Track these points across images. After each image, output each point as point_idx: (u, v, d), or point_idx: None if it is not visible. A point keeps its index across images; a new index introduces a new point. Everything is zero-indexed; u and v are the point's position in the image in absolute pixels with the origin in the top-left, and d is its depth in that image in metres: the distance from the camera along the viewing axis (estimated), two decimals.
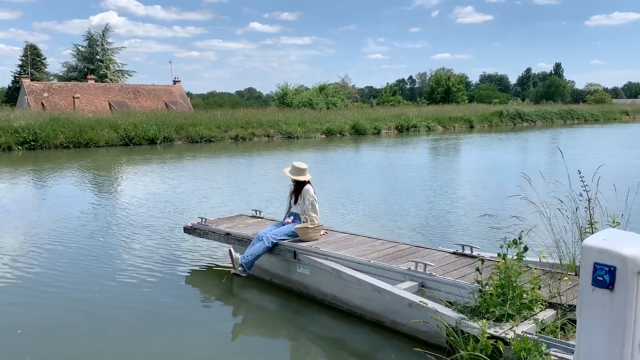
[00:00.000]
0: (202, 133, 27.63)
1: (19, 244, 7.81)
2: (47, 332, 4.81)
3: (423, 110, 44.76)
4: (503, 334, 3.57)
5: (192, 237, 7.32)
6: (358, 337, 4.71)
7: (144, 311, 5.32)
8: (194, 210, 9.69)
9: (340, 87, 61.01)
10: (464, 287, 4.31)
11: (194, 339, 4.67)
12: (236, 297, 5.94)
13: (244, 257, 5.74)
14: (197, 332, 4.82)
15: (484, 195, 11.90)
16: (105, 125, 25.92)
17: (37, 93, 40.54)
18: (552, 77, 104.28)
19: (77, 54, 58.78)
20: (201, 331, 4.83)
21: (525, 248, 4.04)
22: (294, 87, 49.95)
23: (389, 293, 4.42)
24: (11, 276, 6.32)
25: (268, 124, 30.88)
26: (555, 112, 53.22)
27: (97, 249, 7.49)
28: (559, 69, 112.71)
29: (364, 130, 34.08)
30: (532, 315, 3.84)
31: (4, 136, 22.99)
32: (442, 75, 70.09)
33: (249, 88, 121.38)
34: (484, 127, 43.21)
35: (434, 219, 9.30)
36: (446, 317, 3.88)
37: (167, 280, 6.18)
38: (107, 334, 4.77)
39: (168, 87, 48.31)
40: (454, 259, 5.15)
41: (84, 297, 5.68)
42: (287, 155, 22.31)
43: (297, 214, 6.13)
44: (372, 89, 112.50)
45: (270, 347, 4.67)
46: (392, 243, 5.80)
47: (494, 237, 4.48)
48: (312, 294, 5.52)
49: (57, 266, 6.73)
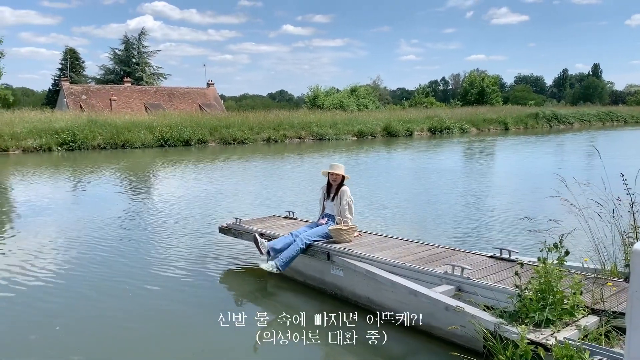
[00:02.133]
0: (235, 135, 27.93)
1: (60, 242, 8.02)
2: (84, 328, 4.91)
3: (456, 112, 44.24)
4: (544, 340, 3.48)
5: (227, 237, 7.39)
6: (392, 341, 4.66)
7: (178, 310, 5.40)
8: (228, 211, 9.79)
9: (372, 88, 60.82)
10: (502, 291, 4.23)
11: (226, 339, 4.71)
12: (270, 297, 5.96)
13: (279, 259, 5.75)
14: (230, 332, 4.84)
15: (519, 198, 11.67)
16: (141, 127, 26.45)
17: (75, 95, 41.68)
18: (590, 78, 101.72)
19: (114, 57, 60.25)
20: (234, 331, 4.85)
21: (567, 252, 3.94)
22: (325, 89, 50.02)
23: (425, 296, 4.37)
24: (50, 273, 6.49)
25: (300, 125, 31.00)
26: (593, 114, 51.93)
27: (133, 249, 7.64)
28: (597, 70, 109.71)
29: (396, 132, 33.87)
30: (574, 321, 3.74)
31: (45, 137, 23.71)
32: (476, 76, 69.09)
33: (280, 90, 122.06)
34: (519, 129, 42.44)
35: (469, 222, 9.16)
36: (484, 321, 3.81)
37: (202, 279, 6.25)
38: (142, 332, 4.86)
39: (202, 90, 49.02)
40: (492, 263, 5.06)
41: (120, 294, 5.79)
42: (318, 156, 22.35)
43: (331, 215, 6.13)
44: (404, 90, 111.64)
45: (303, 349, 4.66)
46: (427, 246, 5.74)
47: (531, 241, 4.38)
48: (346, 296, 5.50)
49: (94, 265, 6.89)
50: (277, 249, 5.85)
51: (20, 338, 4.70)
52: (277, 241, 5.90)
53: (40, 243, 7.92)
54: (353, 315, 5.17)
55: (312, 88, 49.58)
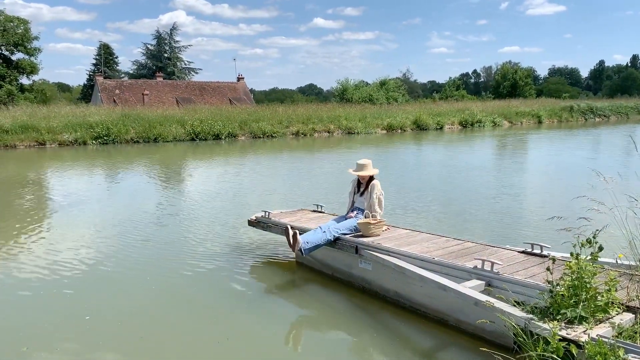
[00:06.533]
0: (265, 129, 28.09)
1: (95, 233, 8.23)
2: (113, 316, 5.02)
3: (488, 105, 43.52)
4: (576, 337, 3.41)
5: (256, 230, 7.46)
6: (421, 336, 4.64)
7: (206, 299, 5.49)
8: (257, 204, 9.87)
9: (401, 81, 60.27)
10: (533, 287, 4.15)
11: (252, 329, 4.76)
12: (298, 289, 6.00)
13: (304, 242, 5.73)
14: (256, 322, 4.90)
15: (552, 193, 11.43)
16: (172, 121, 26.86)
17: (109, 90, 42.54)
18: (629, 70, 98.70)
19: (146, 52, 61.31)
20: (260, 321, 4.91)
21: (601, 247, 3.84)
22: (354, 83, 49.78)
23: (454, 291, 4.32)
24: (83, 263, 6.66)
25: (328, 119, 30.97)
26: (631, 107, 50.48)
27: (164, 239, 7.78)
28: (637, 61, 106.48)
29: (426, 126, 33.54)
30: (608, 318, 3.65)
31: (80, 131, 24.30)
32: (508, 68, 67.83)
33: (310, 84, 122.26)
34: (553, 122, 41.55)
35: (499, 217, 9.02)
36: (514, 317, 3.75)
37: (231, 270, 6.33)
38: (170, 319, 4.97)
39: (232, 84, 49.43)
40: (523, 258, 4.97)
41: (150, 284, 5.92)
42: (347, 150, 22.31)
43: (360, 209, 6.11)
44: (435, 83, 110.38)
45: (329, 341, 4.68)
46: (457, 241, 5.67)
47: (563, 237, 4.28)
48: (374, 290, 5.49)
49: (127, 255, 7.04)
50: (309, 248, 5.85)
51: (52, 328, 4.85)
52: (306, 235, 5.91)
53: (76, 234, 8.14)
54: (381, 309, 5.17)
55: (340, 82, 49.42)
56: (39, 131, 23.68)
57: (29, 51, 41.55)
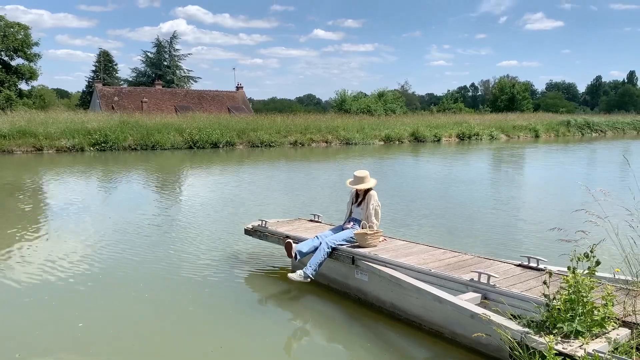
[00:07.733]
0: (263, 138, 28.12)
1: (90, 241, 8.19)
2: (106, 324, 4.98)
3: (486, 118, 43.74)
4: (572, 352, 3.40)
5: (252, 239, 7.44)
6: (416, 348, 4.62)
7: (200, 308, 5.44)
8: (254, 213, 9.85)
9: (400, 93, 60.54)
10: (529, 300, 4.14)
11: (246, 338, 4.73)
12: (293, 299, 5.97)
13: (307, 267, 5.72)
14: (250, 331, 4.87)
15: (548, 207, 11.45)
16: (171, 128, 26.86)
17: (108, 97, 42.61)
18: (626, 86, 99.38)
19: (145, 60, 61.41)
20: (254, 331, 4.88)
21: (598, 262, 3.84)
22: (352, 94, 49.99)
23: (450, 303, 4.31)
24: (77, 269, 6.62)
25: (326, 129, 31.04)
26: (627, 123, 50.70)
27: (159, 247, 7.74)
28: (633, 77, 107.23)
29: (424, 138, 33.63)
30: (604, 333, 3.64)
31: (78, 137, 24.26)
32: (506, 82, 68.25)
33: (308, 94, 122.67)
34: (550, 136, 41.69)
35: (496, 230, 9.03)
36: (510, 330, 3.74)
37: (226, 279, 6.30)
38: (164, 327, 4.93)
39: (231, 93, 49.57)
40: (519, 272, 4.97)
41: (143, 291, 5.88)
42: (345, 161, 22.33)
43: (357, 220, 6.11)
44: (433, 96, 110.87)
45: (324, 352, 4.65)
46: (453, 253, 5.66)
47: (559, 251, 4.29)
48: (370, 301, 5.47)
49: (121, 262, 7.00)
50: (303, 252, 5.85)
51: (46, 335, 4.81)
52: (303, 244, 5.90)
53: (70, 242, 8.10)
54: (377, 320, 5.15)
55: (339, 92, 49.64)
56: (37, 137, 23.64)
57: (28, 57, 41.67)
